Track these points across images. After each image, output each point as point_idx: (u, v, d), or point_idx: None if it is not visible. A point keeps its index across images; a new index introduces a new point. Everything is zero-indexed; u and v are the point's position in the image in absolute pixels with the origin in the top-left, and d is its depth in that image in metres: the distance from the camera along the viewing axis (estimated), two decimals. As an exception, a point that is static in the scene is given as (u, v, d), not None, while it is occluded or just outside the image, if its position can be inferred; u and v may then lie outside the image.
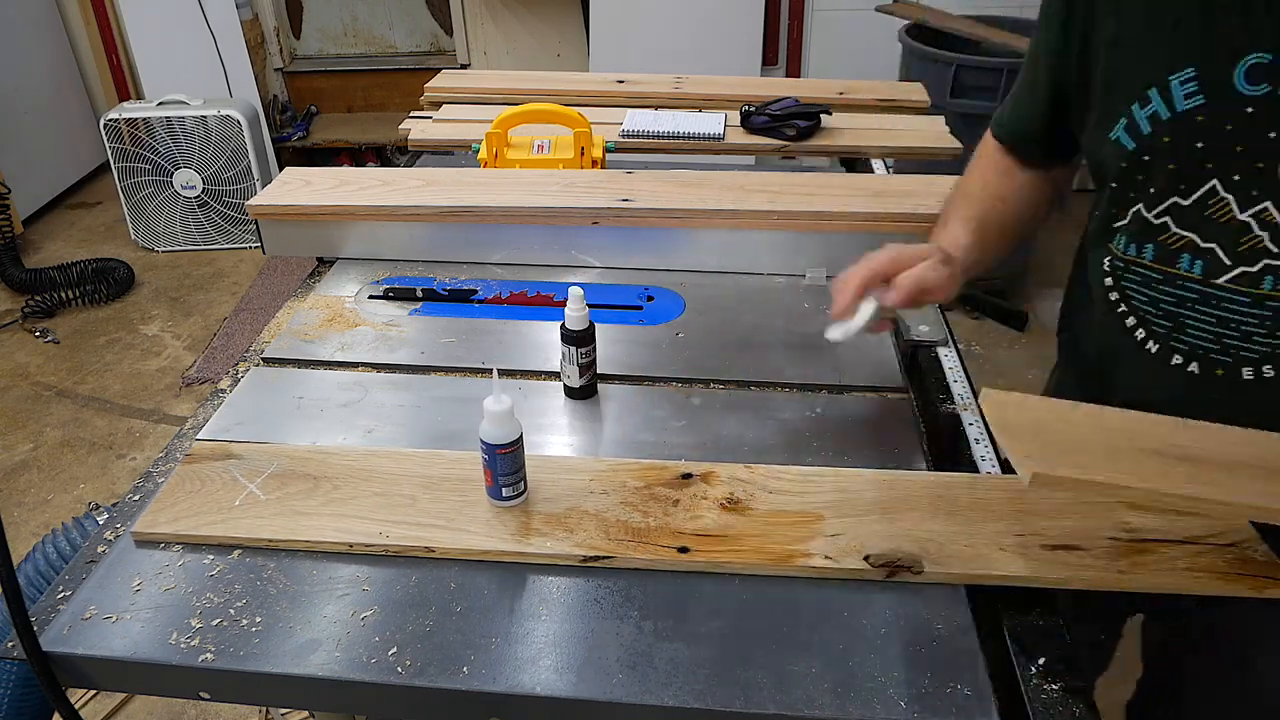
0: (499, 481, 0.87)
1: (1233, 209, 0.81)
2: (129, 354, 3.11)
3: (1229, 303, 0.85)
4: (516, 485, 0.88)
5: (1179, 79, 0.80)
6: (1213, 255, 0.84)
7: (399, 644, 0.77)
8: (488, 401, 0.84)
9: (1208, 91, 0.79)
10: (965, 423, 1.03)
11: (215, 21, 3.75)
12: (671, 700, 0.72)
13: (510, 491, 0.88)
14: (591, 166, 1.59)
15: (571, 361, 1.06)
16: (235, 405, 1.08)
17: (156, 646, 0.77)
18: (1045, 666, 0.76)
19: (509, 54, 4.24)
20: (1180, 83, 0.80)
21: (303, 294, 1.32)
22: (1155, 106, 0.82)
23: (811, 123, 1.75)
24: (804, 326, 1.23)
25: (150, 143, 3.49)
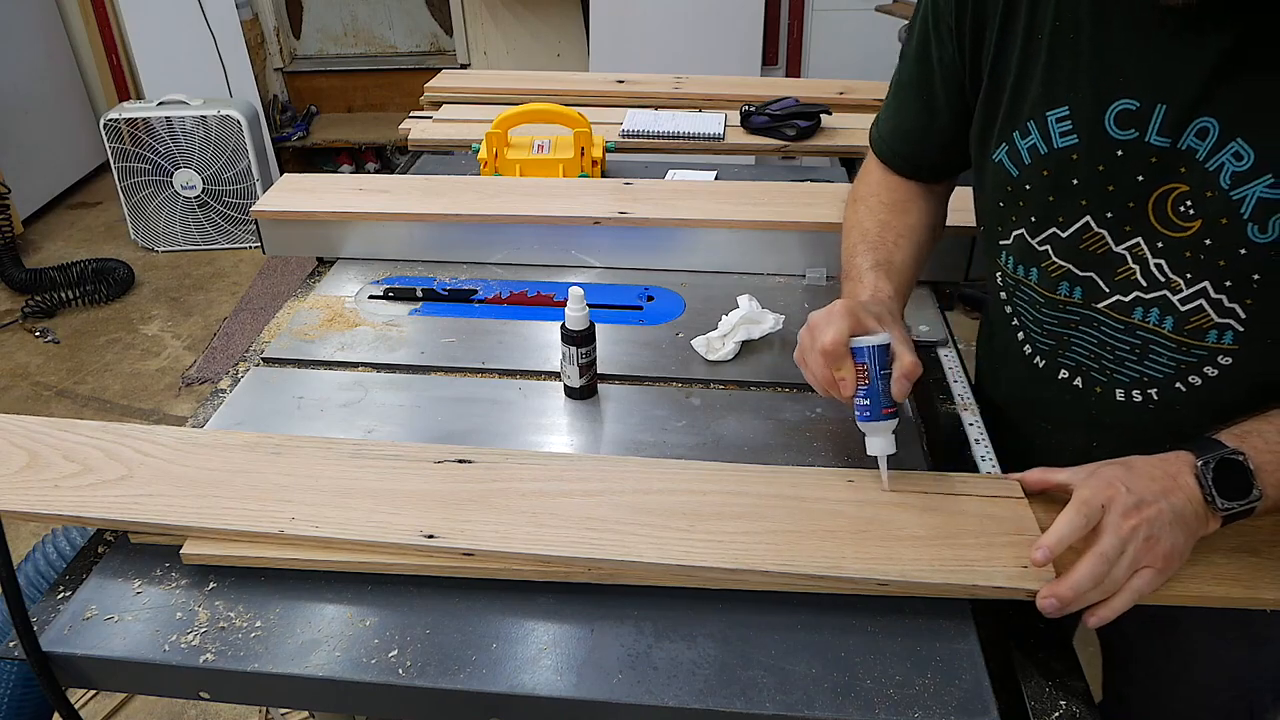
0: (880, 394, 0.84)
1: (1108, 242, 0.83)
2: (129, 354, 3.12)
3: (1107, 326, 0.87)
4: None
5: (1054, 115, 0.81)
6: (1091, 282, 0.86)
7: (399, 644, 0.77)
8: None
9: (1080, 131, 0.80)
10: (965, 423, 1.03)
11: (215, 21, 3.75)
12: (671, 700, 0.72)
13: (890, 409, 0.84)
14: (591, 167, 1.59)
15: (571, 361, 1.06)
16: (235, 405, 1.08)
17: (156, 647, 0.77)
18: (1045, 667, 0.76)
19: (509, 54, 4.24)
20: (1056, 120, 0.81)
21: (303, 294, 1.32)
22: (1034, 139, 0.84)
23: (811, 123, 1.75)
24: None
25: (150, 143, 3.49)
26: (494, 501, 0.85)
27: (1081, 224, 0.84)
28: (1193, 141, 0.75)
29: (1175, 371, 0.84)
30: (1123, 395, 0.89)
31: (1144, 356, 0.86)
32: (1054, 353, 0.93)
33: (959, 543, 0.80)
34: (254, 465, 0.89)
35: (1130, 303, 0.84)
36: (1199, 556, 0.77)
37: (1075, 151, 0.81)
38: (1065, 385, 0.93)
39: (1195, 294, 0.80)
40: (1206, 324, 0.80)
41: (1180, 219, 0.78)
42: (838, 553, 0.79)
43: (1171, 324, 0.82)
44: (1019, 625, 0.80)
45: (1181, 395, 0.85)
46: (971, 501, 0.85)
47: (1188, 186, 0.76)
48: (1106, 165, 0.80)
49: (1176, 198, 0.77)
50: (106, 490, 0.85)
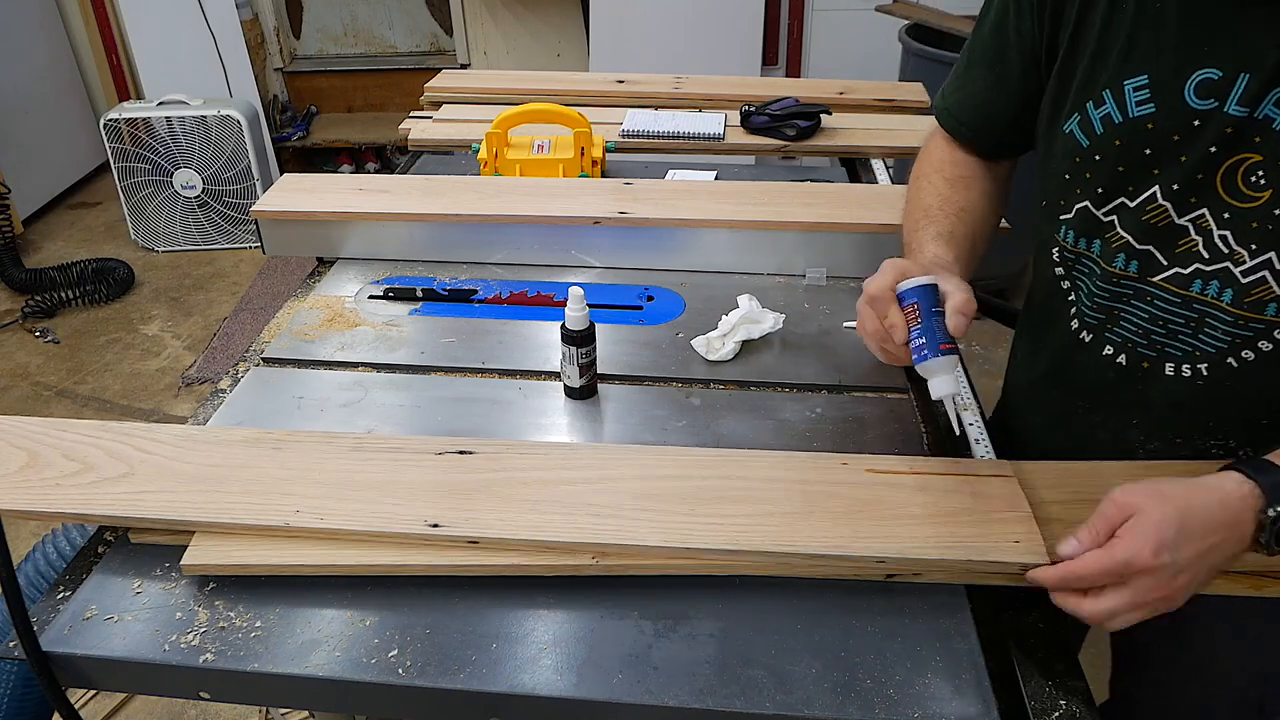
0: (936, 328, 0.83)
1: (1170, 215, 0.83)
2: (129, 354, 3.12)
3: (1161, 300, 0.87)
4: None
5: (1133, 84, 0.82)
6: (1149, 255, 0.86)
7: (399, 644, 0.77)
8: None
9: (1158, 100, 0.81)
10: (966, 423, 1.03)
11: (215, 21, 3.75)
12: (672, 700, 0.72)
13: None
14: (591, 167, 1.59)
15: (571, 361, 1.06)
16: (235, 405, 1.08)
17: (156, 647, 0.77)
18: (1045, 667, 0.76)
19: (509, 54, 4.24)
20: (1134, 89, 0.82)
21: (303, 294, 1.32)
22: (1109, 108, 0.84)
23: (811, 123, 1.75)
24: (804, 326, 1.23)
25: (150, 143, 3.49)
26: (497, 491, 0.85)
27: (1148, 194, 0.84)
28: (1271, 110, 0.75)
29: (1229, 345, 0.84)
30: (1172, 370, 0.89)
31: (1199, 330, 0.86)
32: (1102, 327, 0.93)
33: (954, 520, 0.82)
34: (256, 460, 0.89)
35: (1190, 275, 0.84)
36: None
37: (1151, 120, 0.81)
38: (1108, 362, 0.93)
39: (1259, 265, 0.80)
40: (1268, 296, 0.80)
41: (1250, 189, 0.78)
42: (836, 533, 0.81)
43: (1231, 296, 0.82)
44: (1019, 625, 0.80)
45: (1232, 371, 0.85)
46: (964, 481, 0.87)
47: (1261, 156, 0.77)
48: (1182, 135, 0.80)
49: (1248, 168, 0.78)
50: (109, 488, 0.85)
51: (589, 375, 1.07)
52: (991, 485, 0.86)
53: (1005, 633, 0.80)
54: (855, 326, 0.90)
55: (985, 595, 0.82)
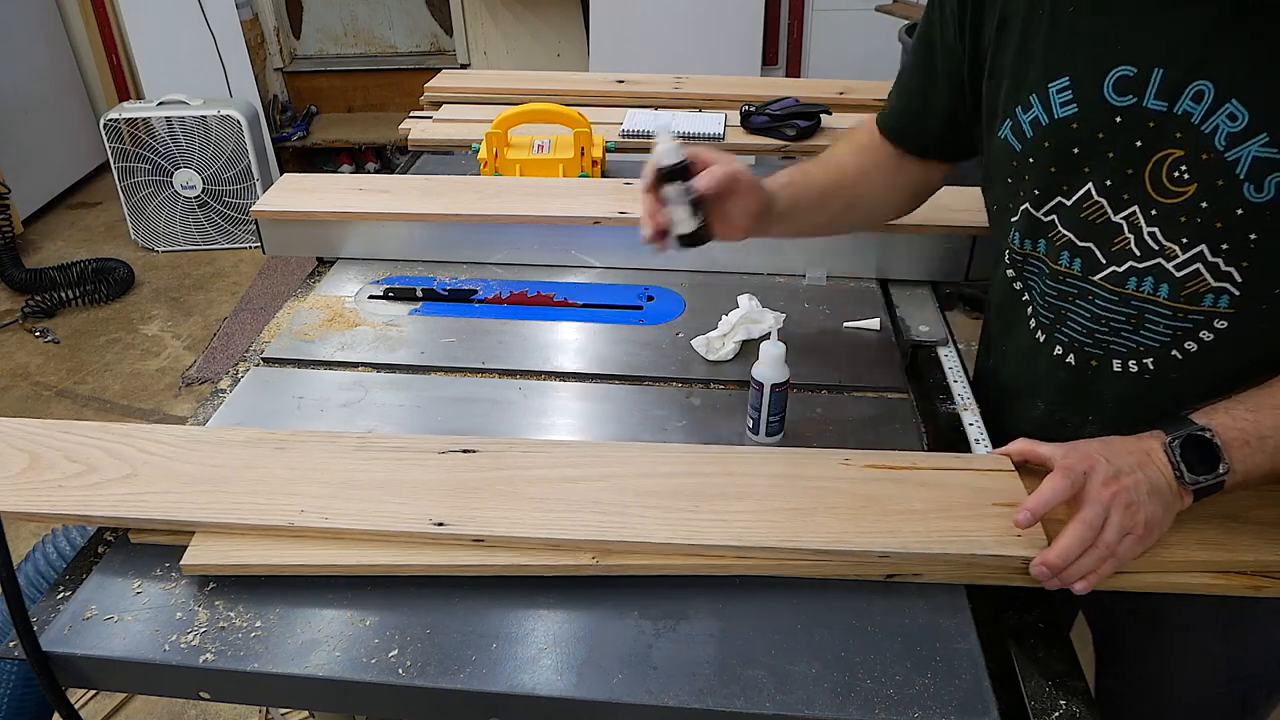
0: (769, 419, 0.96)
1: (1107, 211, 0.85)
2: (129, 354, 3.12)
3: (1101, 300, 0.89)
4: None
5: (1055, 86, 0.84)
6: (1089, 253, 0.88)
7: (399, 644, 0.77)
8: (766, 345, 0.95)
9: (1080, 100, 0.83)
10: (965, 423, 1.03)
11: (215, 21, 3.75)
12: (672, 700, 0.72)
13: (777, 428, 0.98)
14: (591, 167, 1.59)
15: (680, 200, 0.91)
16: (235, 405, 1.08)
17: (156, 646, 0.77)
18: (1045, 667, 0.76)
19: (509, 54, 4.24)
20: (1056, 90, 0.84)
21: (303, 294, 1.32)
22: (1035, 112, 0.86)
23: (811, 123, 1.75)
24: (804, 326, 1.23)
25: (150, 143, 3.49)
26: (500, 489, 0.86)
27: (1083, 192, 0.86)
28: (1189, 105, 0.76)
29: (1171, 339, 0.86)
30: (1119, 366, 0.91)
31: (1139, 326, 0.87)
32: (1052, 327, 0.95)
33: (955, 514, 0.82)
34: (259, 460, 0.89)
35: (1124, 273, 0.86)
36: (1181, 523, 0.80)
37: (1075, 120, 0.83)
38: (1059, 362, 0.95)
39: (1192, 258, 0.81)
40: (1203, 288, 0.82)
41: (1175, 184, 0.79)
42: (839, 528, 0.81)
43: (1167, 291, 0.84)
44: (1019, 625, 0.80)
45: (1177, 363, 0.87)
46: (965, 476, 0.87)
47: (1183, 151, 0.78)
48: (1106, 132, 0.82)
49: (1172, 163, 0.79)
50: (112, 489, 0.85)
51: (698, 217, 0.93)
52: (993, 480, 0.86)
53: (1005, 633, 0.80)
54: (859, 326, 0.93)
55: (985, 595, 0.82)
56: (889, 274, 1.34)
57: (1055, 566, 0.76)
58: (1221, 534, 0.82)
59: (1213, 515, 0.83)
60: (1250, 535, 0.82)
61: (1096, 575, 0.76)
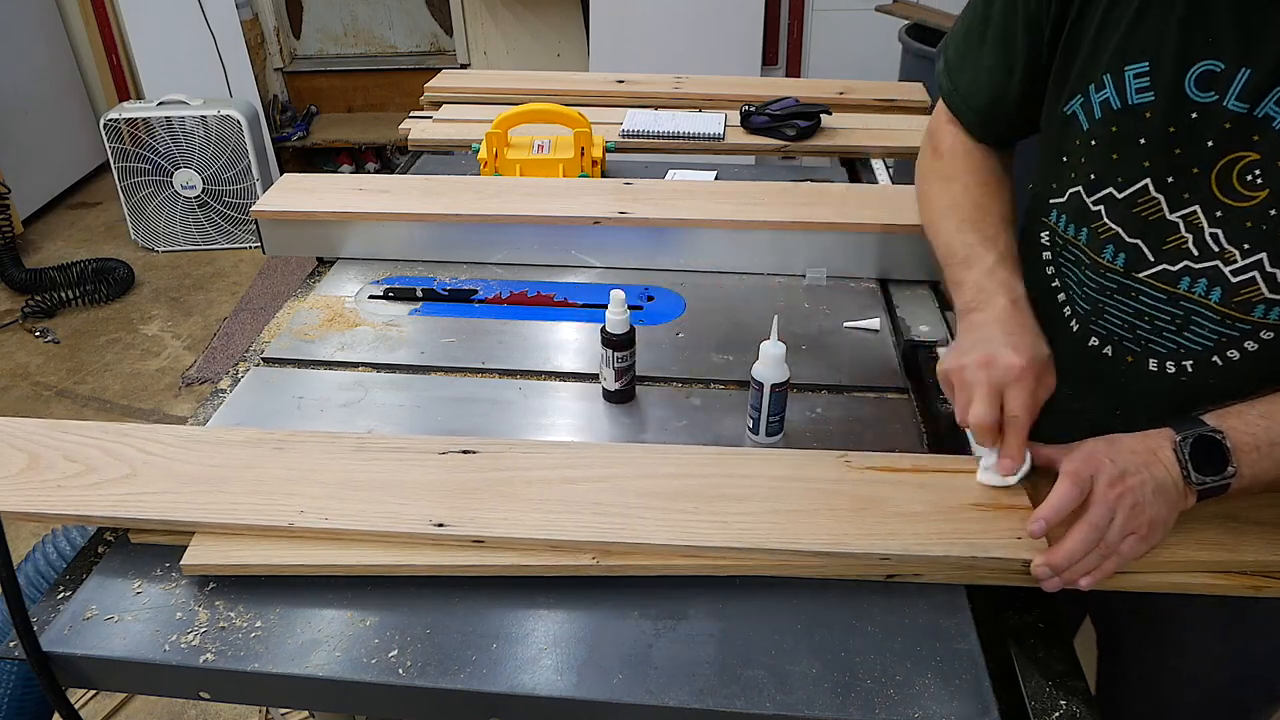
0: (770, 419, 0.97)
1: (1163, 208, 0.82)
2: (129, 354, 3.12)
3: (1146, 297, 0.87)
4: None
5: (1133, 71, 0.80)
6: (1137, 250, 0.86)
7: (399, 644, 0.77)
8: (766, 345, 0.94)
9: (1158, 89, 0.79)
10: (965, 423, 1.03)
11: (215, 21, 3.75)
12: (672, 700, 0.72)
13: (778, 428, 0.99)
14: (591, 167, 1.59)
15: (609, 365, 1.06)
16: (235, 405, 1.08)
17: (156, 647, 0.77)
18: (1045, 667, 0.76)
19: (509, 54, 4.24)
20: (1134, 75, 0.80)
21: (303, 294, 1.32)
22: (1108, 93, 0.82)
23: (811, 123, 1.75)
24: (804, 326, 1.23)
25: (150, 143, 3.49)
26: (500, 490, 0.86)
27: (1139, 187, 0.83)
28: (1271, 109, 0.74)
29: (1215, 345, 0.85)
30: (1155, 366, 0.89)
31: (1184, 328, 0.86)
32: (1088, 318, 0.93)
33: (956, 517, 0.82)
34: (258, 461, 0.89)
35: (1178, 272, 0.84)
36: (1182, 524, 0.80)
37: (1149, 109, 0.80)
38: (1094, 353, 0.94)
39: (1250, 265, 0.79)
40: (1255, 297, 0.80)
41: (1246, 188, 0.77)
42: (840, 530, 0.81)
43: (1219, 295, 0.82)
44: (1019, 625, 0.80)
45: (1216, 369, 0.86)
46: (966, 478, 0.87)
47: (1259, 155, 0.75)
48: (1178, 127, 0.79)
49: (1244, 166, 0.77)
50: (111, 489, 0.85)
51: (625, 379, 1.07)
52: None
53: (1005, 633, 0.80)
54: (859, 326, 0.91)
55: (985, 595, 0.82)
56: (889, 274, 1.34)
57: (1059, 567, 0.76)
58: (1222, 534, 0.82)
59: (1213, 515, 0.83)
60: (1250, 535, 0.82)
61: (1100, 573, 0.77)
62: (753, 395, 0.97)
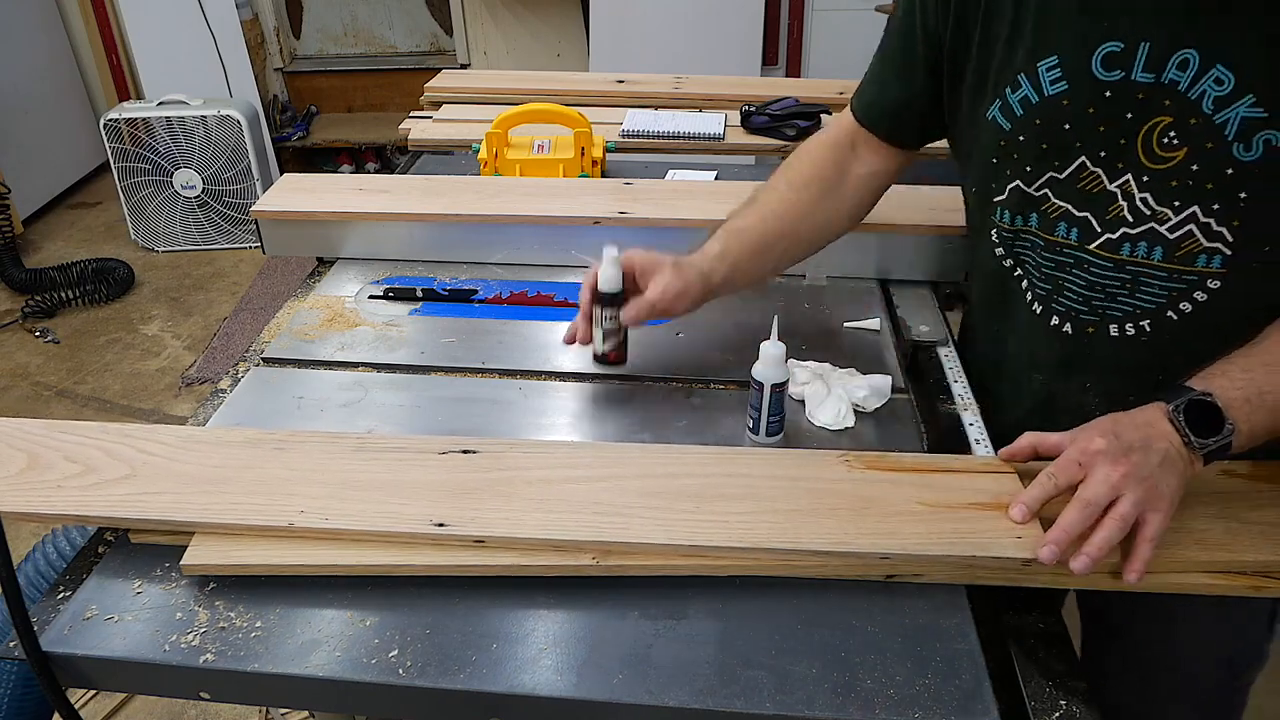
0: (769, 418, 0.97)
1: (1103, 180, 0.88)
2: (129, 354, 3.12)
3: (1097, 267, 0.91)
4: None
5: (1045, 65, 0.86)
6: (1086, 223, 0.90)
7: (399, 644, 0.77)
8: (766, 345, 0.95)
9: (1070, 78, 0.85)
10: (965, 423, 1.03)
11: (215, 21, 3.75)
12: (672, 700, 0.72)
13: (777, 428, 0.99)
14: (591, 166, 1.59)
15: (598, 324, 1.05)
16: (235, 405, 1.08)
17: (156, 647, 0.77)
18: (1045, 667, 0.76)
19: (509, 54, 4.24)
20: (1046, 69, 0.87)
21: (303, 294, 1.32)
22: (1025, 91, 0.89)
23: (811, 123, 1.75)
24: (804, 327, 1.22)
25: (150, 143, 3.49)
26: (501, 490, 0.86)
27: (1077, 164, 0.88)
28: (1174, 74, 0.80)
29: (1166, 300, 0.88)
30: (1116, 331, 0.92)
31: (1135, 290, 0.89)
32: (1049, 298, 0.96)
33: (955, 516, 0.82)
34: (258, 461, 0.89)
35: (1118, 239, 0.88)
36: (1180, 523, 0.80)
37: (1066, 97, 0.86)
38: (1057, 331, 0.97)
39: (1184, 220, 0.84)
40: (1196, 249, 0.84)
41: (1165, 150, 0.83)
42: (840, 529, 0.81)
43: (1161, 254, 0.86)
44: (1019, 625, 0.80)
45: (1172, 324, 0.89)
46: (965, 478, 0.87)
47: (1171, 118, 0.81)
48: (1096, 107, 0.85)
49: (1161, 130, 0.82)
50: (111, 489, 0.85)
51: (614, 341, 1.06)
52: (992, 481, 0.86)
53: (1005, 633, 0.80)
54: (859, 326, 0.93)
55: (985, 595, 0.82)
56: (889, 274, 1.34)
57: (1059, 540, 0.75)
58: (1221, 534, 0.82)
59: (1213, 515, 0.83)
60: (1250, 535, 0.82)
61: (1140, 561, 0.75)
62: (753, 395, 0.97)
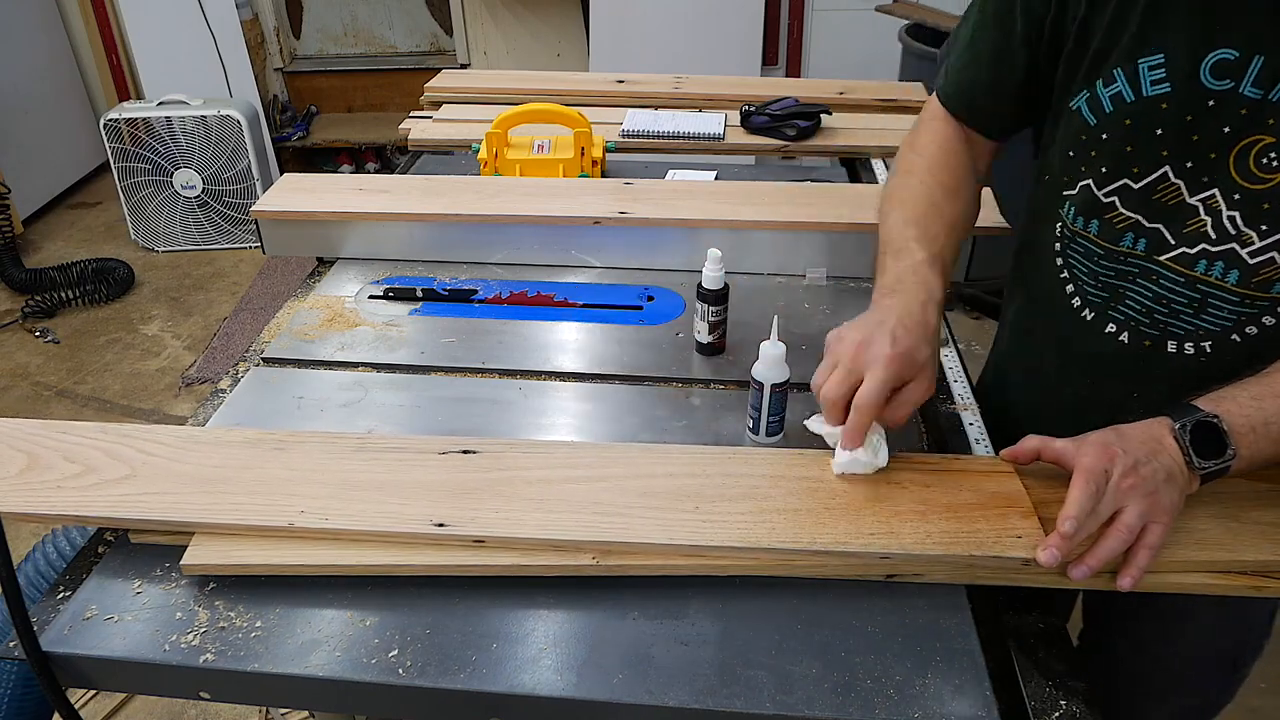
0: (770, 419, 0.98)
1: (1183, 193, 0.84)
2: (129, 354, 3.12)
3: (1165, 280, 0.88)
4: None
5: (1147, 64, 0.81)
6: (1158, 234, 0.87)
7: (399, 644, 0.77)
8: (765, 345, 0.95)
9: (1174, 80, 0.80)
10: (965, 422, 1.03)
11: (215, 21, 3.75)
12: (672, 700, 0.72)
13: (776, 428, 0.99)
14: (591, 167, 1.59)
15: (702, 318, 1.13)
16: (235, 405, 1.08)
17: (156, 647, 0.77)
18: (1045, 667, 0.76)
19: (509, 54, 4.24)
20: (1149, 68, 0.81)
21: (303, 294, 1.32)
22: (1120, 87, 0.84)
23: (811, 123, 1.75)
24: (804, 326, 1.23)
25: (150, 143, 3.49)
26: (501, 490, 0.86)
27: (1159, 175, 0.84)
28: None
29: (1233, 323, 0.86)
30: (1174, 348, 0.90)
31: (1201, 310, 0.87)
32: (1105, 305, 0.94)
33: (956, 516, 0.82)
34: (258, 461, 0.89)
35: (1196, 255, 0.85)
36: (1182, 524, 0.80)
37: (1165, 100, 0.81)
38: (1111, 339, 0.94)
39: (1269, 246, 0.81)
40: (1275, 276, 0.82)
41: (1262, 170, 0.79)
42: (840, 529, 0.81)
43: (1236, 278, 0.84)
44: (1019, 625, 0.80)
45: (1235, 346, 0.87)
46: (966, 478, 0.87)
47: (1274, 138, 0.78)
48: (1195, 115, 0.80)
49: (1261, 149, 0.79)
50: (111, 490, 0.85)
51: (717, 334, 1.15)
52: (993, 481, 0.86)
53: (1005, 633, 0.80)
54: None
55: (985, 595, 0.82)
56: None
57: (1063, 546, 0.75)
58: (1222, 534, 0.82)
59: (1213, 515, 0.83)
60: (1250, 535, 0.82)
61: (1137, 568, 0.76)
62: (753, 395, 0.97)
